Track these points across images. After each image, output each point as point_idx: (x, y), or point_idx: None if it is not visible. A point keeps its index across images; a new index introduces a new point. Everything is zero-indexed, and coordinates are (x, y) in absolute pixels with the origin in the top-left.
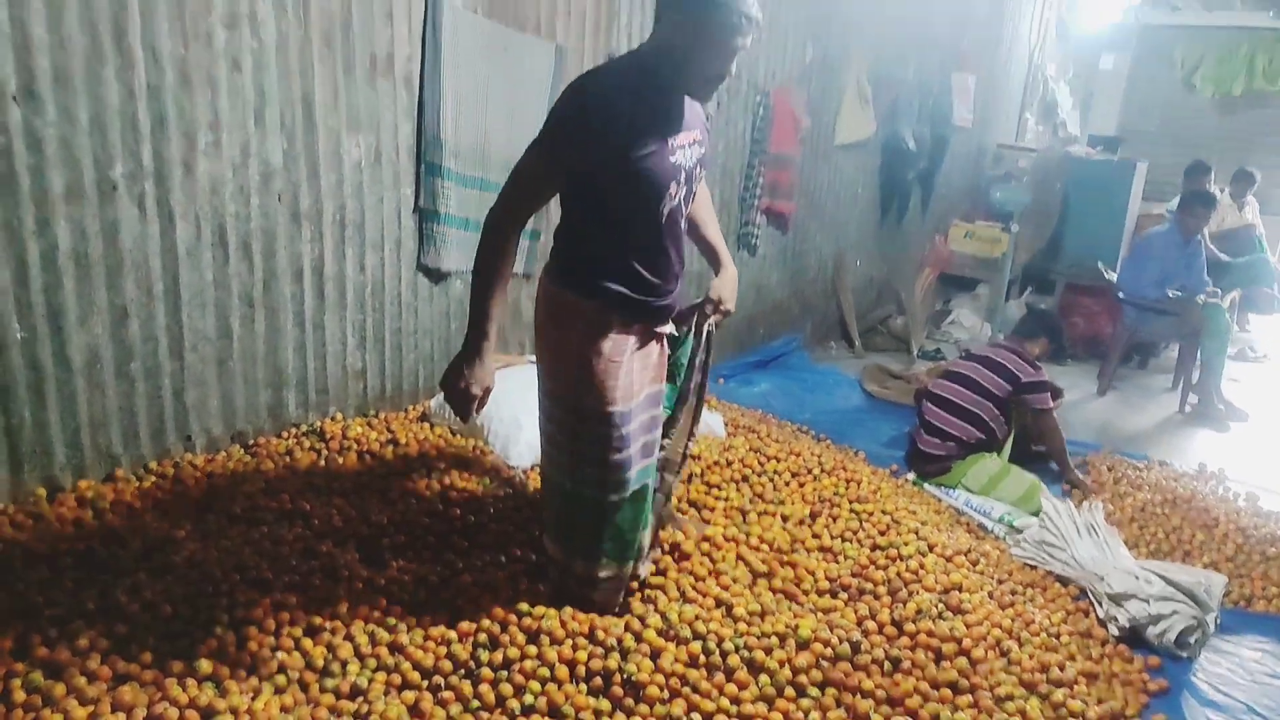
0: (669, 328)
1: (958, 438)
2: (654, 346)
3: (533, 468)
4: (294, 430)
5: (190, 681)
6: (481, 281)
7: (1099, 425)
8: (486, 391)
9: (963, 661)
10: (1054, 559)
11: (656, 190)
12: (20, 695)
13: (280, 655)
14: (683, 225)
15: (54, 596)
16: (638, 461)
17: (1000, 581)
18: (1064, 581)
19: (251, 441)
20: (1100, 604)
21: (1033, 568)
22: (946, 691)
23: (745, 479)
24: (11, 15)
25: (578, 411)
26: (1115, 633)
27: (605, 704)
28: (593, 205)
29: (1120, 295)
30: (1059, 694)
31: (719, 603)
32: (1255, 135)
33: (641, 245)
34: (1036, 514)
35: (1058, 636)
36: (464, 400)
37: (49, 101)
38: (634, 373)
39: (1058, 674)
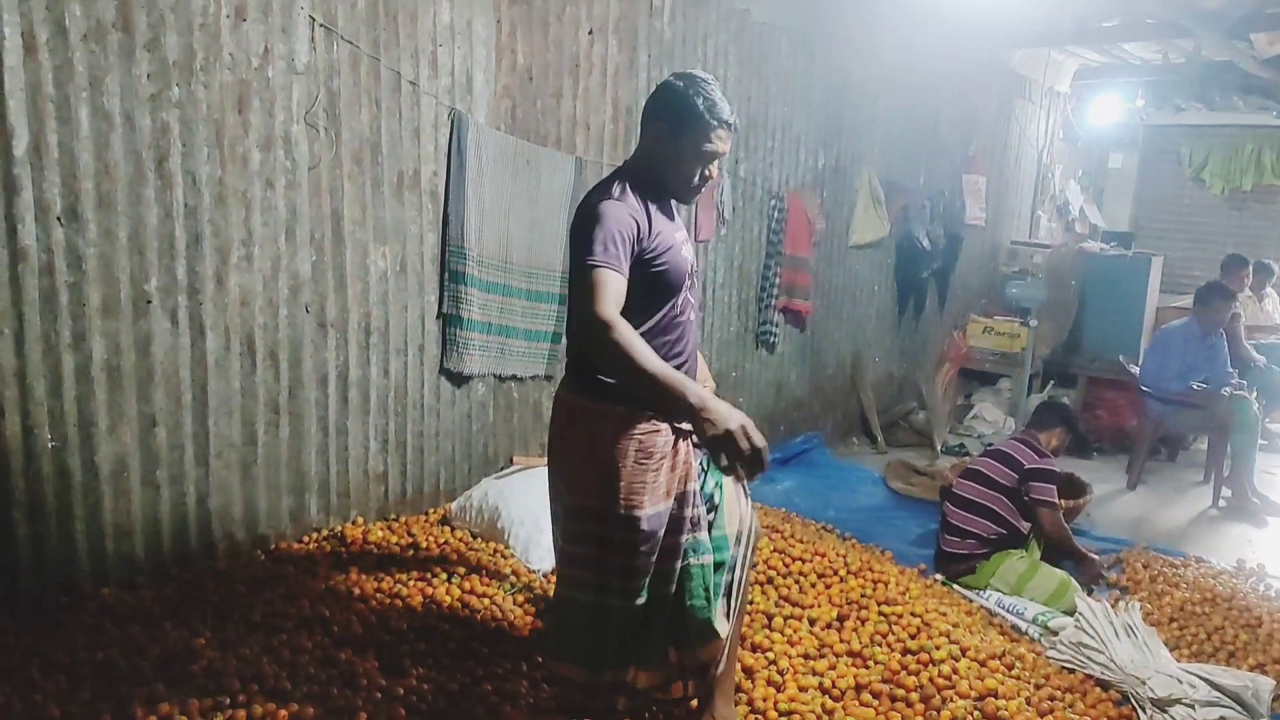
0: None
1: (979, 535)
2: (683, 446)
3: (553, 572)
4: (315, 535)
5: None
6: (643, 358)
7: (1131, 521)
8: (745, 427)
9: None
10: (1092, 661)
11: (678, 281)
12: None
13: None
14: (696, 325)
15: (70, 710)
16: (640, 575)
17: (1038, 687)
18: (1104, 686)
19: (273, 546)
20: (1144, 710)
21: (1071, 671)
22: None
23: (770, 581)
24: (60, 142)
25: (605, 520)
26: None
27: None
28: (628, 307)
29: (1144, 388)
30: None
31: None
32: (1267, 229)
33: (665, 341)
34: (1071, 613)
35: None
36: (733, 445)
37: (91, 222)
38: (663, 473)
39: None
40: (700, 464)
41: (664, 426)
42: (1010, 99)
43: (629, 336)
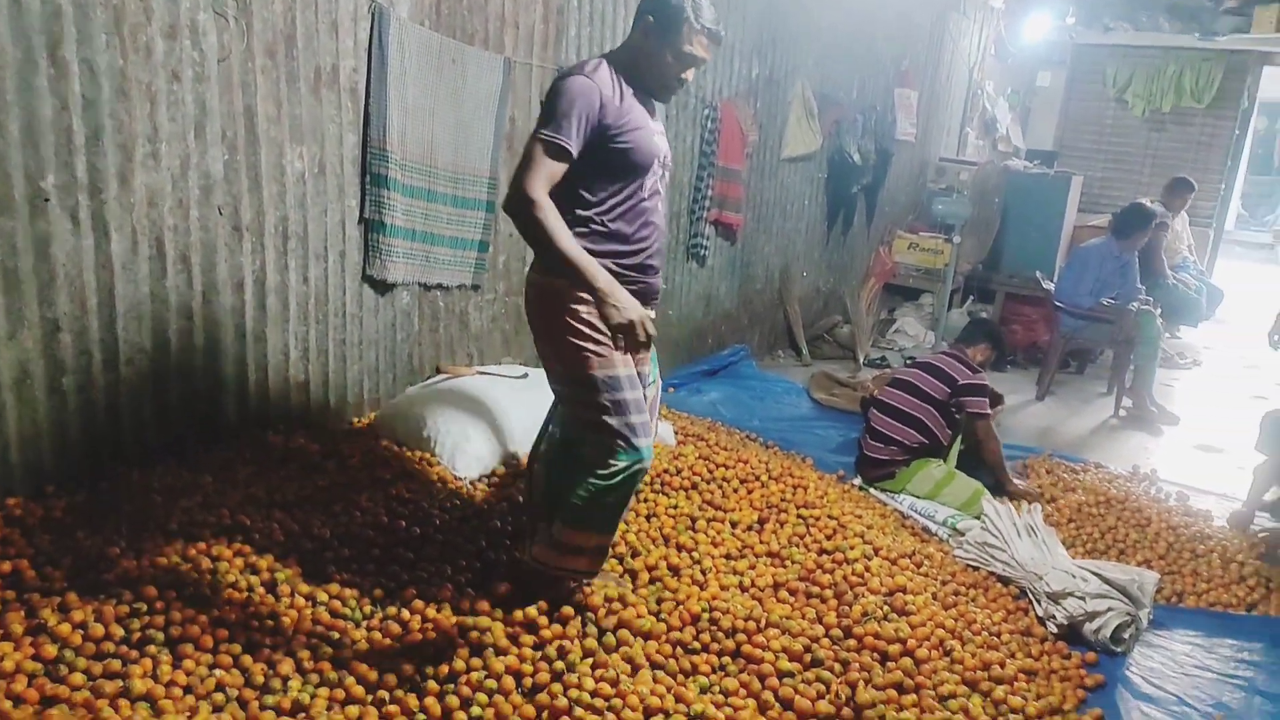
0: (653, 312)
1: (901, 442)
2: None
3: (480, 478)
4: (234, 441)
5: (123, 703)
6: (555, 239)
7: (1038, 430)
8: (644, 320)
9: (908, 662)
10: (995, 560)
11: (645, 161)
12: None
13: (218, 673)
14: (662, 212)
15: None
16: (642, 434)
17: (944, 583)
18: (1005, 581)
19: (189, 456)
20: (1039, 602)
21: (975, 569)
22: (892, 692)
23: (695, 486)
24: None
25: (587, 384)
26: (1053, 630)
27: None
28: (584, 182)
29: (1057, 304)
30: (1000, 691)
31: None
32: (1182, 150)
33: (628, 223)
34: (979, 518)
35: (998, 635)
36: (632, 331)
37: None
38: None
39: (999, 671)
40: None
41: None
42: (945, 13)
43: (549, 215)
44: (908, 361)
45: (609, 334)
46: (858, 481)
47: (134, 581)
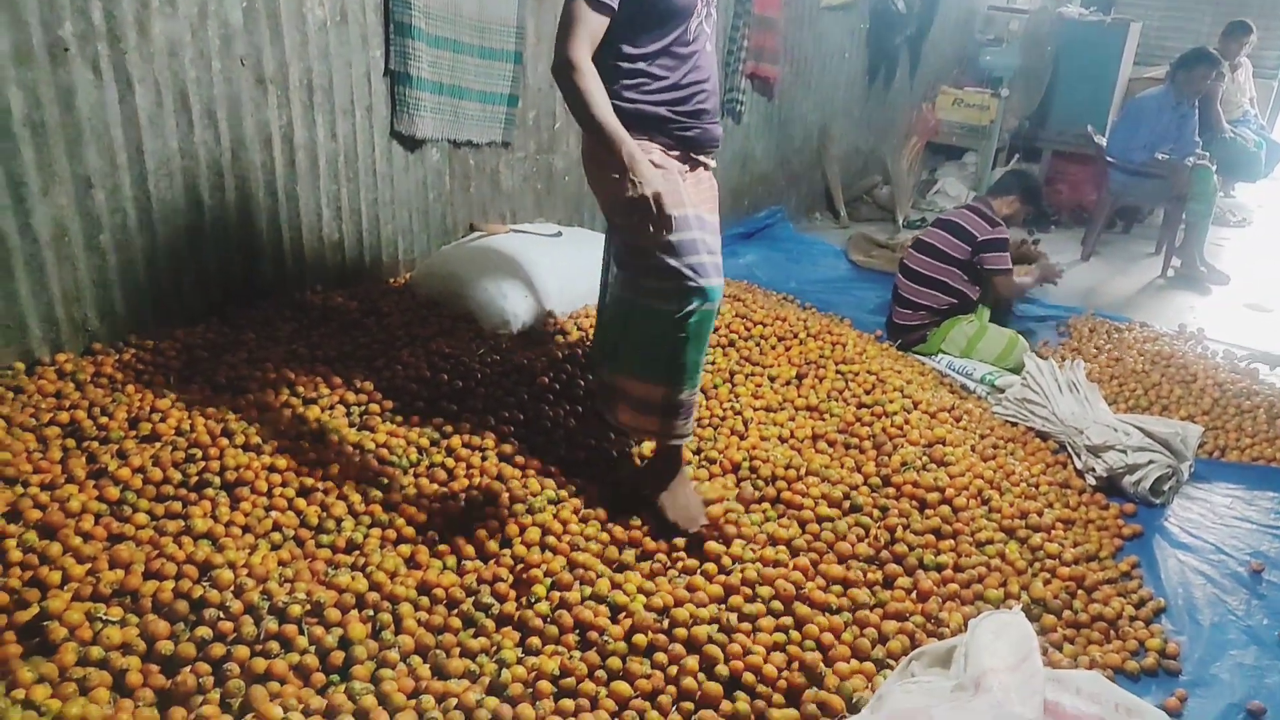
0: (713, 161)
1: (929, 306)
2: (703, 174)
3: (517, 335)
4: (274, 302)
5: (186, 540)
6: (588, 105)
7: (1082, 290)
8: (665, 193)
9: (945, 510)
10: (1035, 415)
11: (688, 3)
12: (16, 554)
13: (275, 515)
14: (711, 54)
15: (41, 465)
16: (711, 273)
17: (982, 436)
18: (1044, 436)
19: (230, 315)
20: (1079, 456)
21: (1014, 424)
22: (930, 537)
23: (732, 344)
24: None
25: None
26: (1092, 482)
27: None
28: (627, 34)
29: (1108, 159)
30: (1036, 538)
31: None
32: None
33: (676, 70)
34: (1018, 370)
35: (1036, 486)
36: (646, 208)
37: None
38: (684, 190)
39: (1036, 520)
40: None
41: (678, 153)
42: None
43: (587, 80)
44: (933, 222)
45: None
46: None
47: (187, 432)
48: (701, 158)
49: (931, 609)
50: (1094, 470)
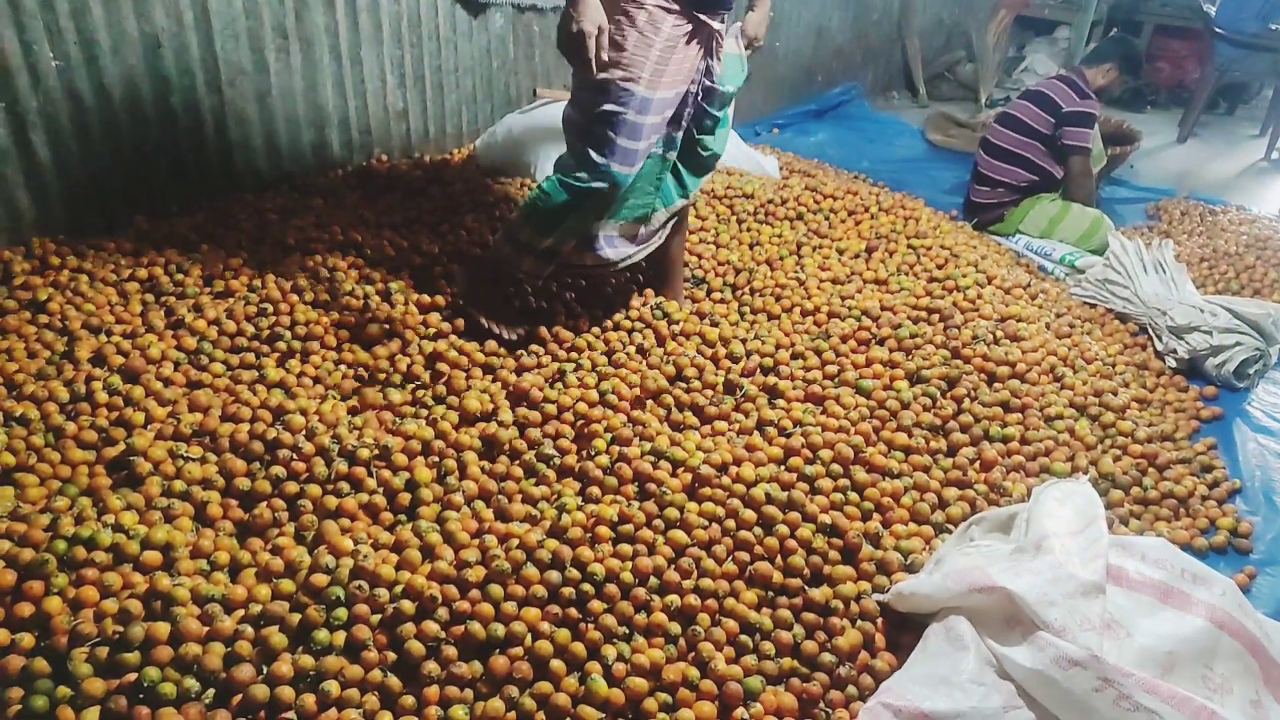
0: (721, 26)
1: (1009, 183)
2: (697, 48)
3: None
4: (340, 171)
5: (260, 388)
6: None
7: (1177, 173)
8: (601, 31)
9: (1015, 384)
10: (1115, 296)
11: None
12: (103, 396)
13: (343, 368)
14: None
15: (122, 316)
16: (619, 157)
17: (1058, 315)
18: (1123, 319)
19: (298, 182)
20: (1160, 338)
21: (1092, 306)
22: (998, 409)
23: (800, 217)
24: None
25: (603, 89)
26: (1173, 364)
27: None
28: None
29: (1216, 29)
30: (1109, 416)
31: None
32: None
33: None
34: (1101, 253)
35: (1113, 366)
36: (579, 44)
37: None
38: (650, 62)
39: (1110, 399)
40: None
41: (690, 15)
42: None
43: None
44: (1021, 94)
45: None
46: (972, 222)
47: (259, 289)
48: (706, 17)
49: (995, 478)
50: (1175, 352)
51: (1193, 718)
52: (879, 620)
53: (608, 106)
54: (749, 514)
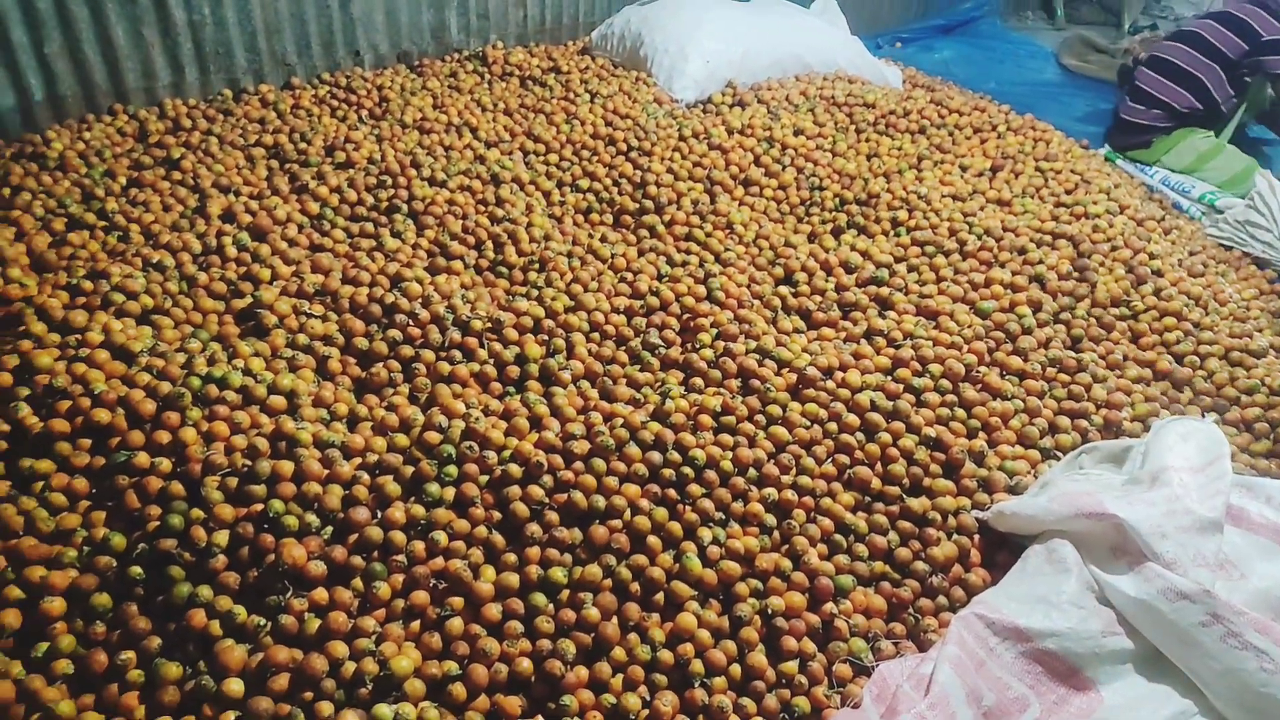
0: None
1: (1169, 105)
2: None
3: (695, 104)
4: (457, 55)
5: (378, 255)
6: None
7: None
8: None
9: (1150, 316)
10: (1255, 240)
11: None
12: (232, 251)
13: (455, 244)
14: None
15: (250, 179)
16: None
17: (1192, 254)
18: (1261, 265)
19: (416, 62)
20: None
21: (1228, 248)
22: (1129, 346)
23: (923, 130)
24: None
25: None
26: None
27: None
28: None
29: None
30: (1248, 360)
31: None
32: None
33: None
34: (1244, 198)
35: (1248, 309)
36: None
37: None
38: None
39: (1246, 341)
40: None
41: None
42: None
43: None
44: (1202, 14)
45: None
46: (1104, 151)
47: (378, 161)
48: None
49: (1116, 418)
50: None
51: None
52: (975, 537)
53: None
54: (852, 418)
